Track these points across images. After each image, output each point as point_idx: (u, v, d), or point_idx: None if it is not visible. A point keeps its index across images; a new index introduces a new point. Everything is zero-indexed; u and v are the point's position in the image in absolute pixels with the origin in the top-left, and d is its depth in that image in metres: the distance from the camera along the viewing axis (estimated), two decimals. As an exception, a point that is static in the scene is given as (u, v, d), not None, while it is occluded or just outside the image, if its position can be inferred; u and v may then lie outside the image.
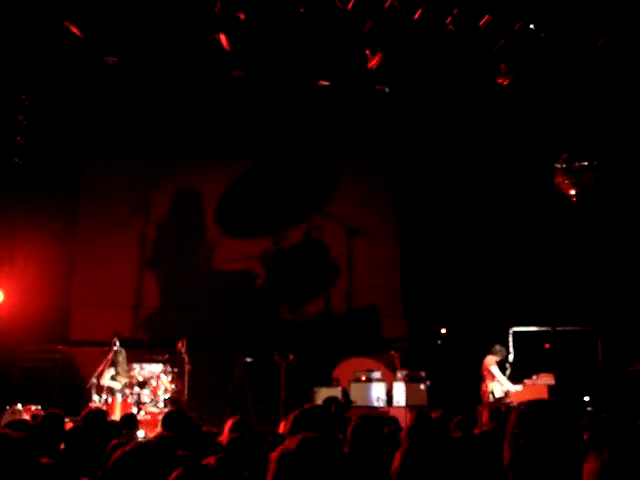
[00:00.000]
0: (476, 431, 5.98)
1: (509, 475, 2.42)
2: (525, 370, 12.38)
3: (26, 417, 9.84)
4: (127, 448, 2.72)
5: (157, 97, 13.62)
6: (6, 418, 9.79)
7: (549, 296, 13.64)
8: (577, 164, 12.45)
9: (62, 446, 5.19)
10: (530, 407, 2.50)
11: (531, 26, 11.24)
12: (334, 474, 2.12)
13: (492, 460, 3.18)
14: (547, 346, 13.73)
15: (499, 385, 11.50)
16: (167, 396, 11.86)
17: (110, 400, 11.33)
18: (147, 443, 3.26)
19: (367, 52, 11.71)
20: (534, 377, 12.14)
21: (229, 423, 5.79)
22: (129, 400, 11.48)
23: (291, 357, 13.13)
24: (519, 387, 11.67)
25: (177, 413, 5.76)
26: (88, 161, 14.59)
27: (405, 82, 13.31)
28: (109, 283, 14.33)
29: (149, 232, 14.91)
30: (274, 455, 2.19)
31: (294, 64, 12.64)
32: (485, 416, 7.79)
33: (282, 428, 7.13)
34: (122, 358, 11.89)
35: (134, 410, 11.14)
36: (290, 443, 2.18)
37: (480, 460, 2.98)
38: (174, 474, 2.40)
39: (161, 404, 11.64)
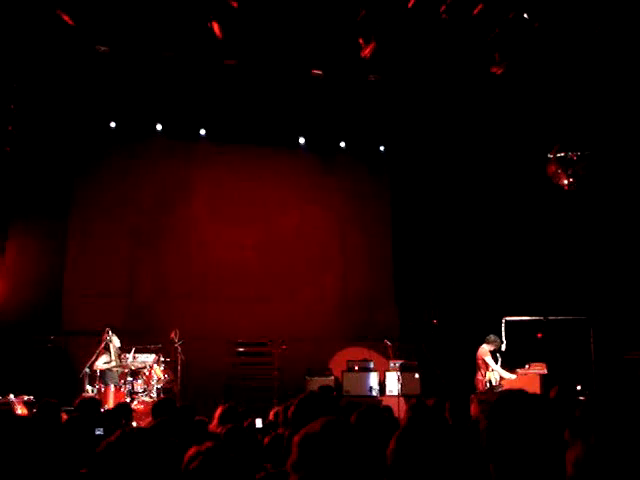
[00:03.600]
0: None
1: (490, 466, 2.45)
2: (518, 359, 12.42)
3: (19, 407, 9.85)
4: (113, 437, 2.70)
5: (149, 86, 13.52)
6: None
7: (541, 285, 13.68)
8: (570, 154, 12.45)
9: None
10: (499, 399, 2.54)
11: (525, 15, 11.22)
12: (355, 454, 2.13)
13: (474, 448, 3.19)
14: (539, 335, 13.75)
15: (495, 374, 11.54)
16: (160, 386, 11.87)
17: (103, 390, 11.33)
18: (138, 430, 3.25)
19: (360, 41, 11.66)
20: (527, 366, 12.20)
21: (218, 411, 5.83)
22: (122, 390, 11.48)
23: (284, 346, 13.15)
24: (513, 376, 11.72)
25: (166, 402, 5.77)
26: (81, 152, 14.50)
27: (399, 71, 13.26)
28: (101, 273, 14.30)
29: (141, 221, 14.85)
30: (296, 439, 2.19)
31: (287, 53, 12.58)
32: (473, 406, 7.82)
33: (271, 416, 7.19)
34: (114, 346, 11.91)
35: (127, 400, 11.15)
36: (312, 426, 2.19)
37: (468, 446, 3.00)
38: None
39: (154, 394, 11.64)
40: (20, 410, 9.77)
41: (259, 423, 11.41)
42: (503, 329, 13.16)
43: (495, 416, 2.45)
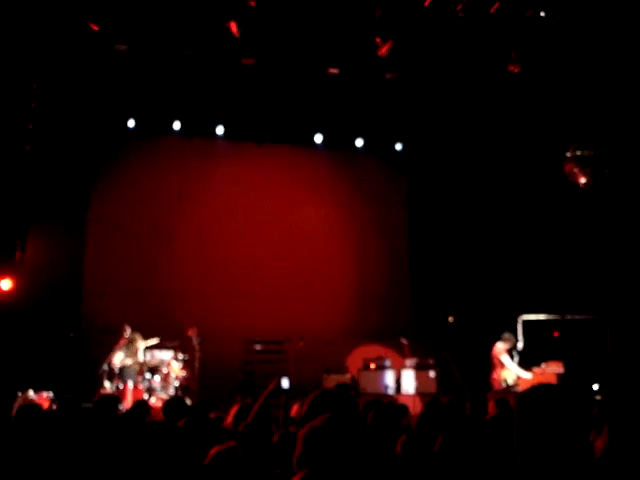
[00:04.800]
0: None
1: (519, 457, 2.48)
2: (534, 358, 12.38)
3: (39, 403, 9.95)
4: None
5: (167, 84, 13.59)
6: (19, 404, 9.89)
7: (559, 284, 13.62)
8: (588, 152, 12.39)
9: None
10: (531, 391, 2.57)
11: (542, 13, 11.19)
12: (357, 449, 2.16)
13: (497, 444, 3.22)
14: (556, 334, 13.71)
15: (511, 373, 11.51)
16: (178, 383, 11.96)
17: (122, 387, 11.43)
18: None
19: (377, 40, 11.67)
20: (543, 365, 12.16)
21: (233, 410, 5.89)
22: (140, 387, 11.58)
23: (301, 344, 13.18)
24: (529, 374, 11.68)
25: (177, 401, 5.83)
26: (100, 150, 14.59)
27: (416, 69, 13.26)
28: (120, 271, 14.41)
29: (158, 219, 14.95)
30: (301, 433, 2.23)
31: (304, 52, 12.61)
32: (491, 405, 7.83)
33: (294, 412, 7.19)
34: (136, 344, 12.00)
35: (145, 397, 11.25)
36: (316, 422, 2.23)
37: (484, 443, 3.03)
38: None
39: (172, 391, 11.73)
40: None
41: (286, 384, 11.47)
42: (520, 327, 13.14)
43: (527, 408, 2.48)
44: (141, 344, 12.09)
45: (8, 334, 12.24)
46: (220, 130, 15.32)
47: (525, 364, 12.05)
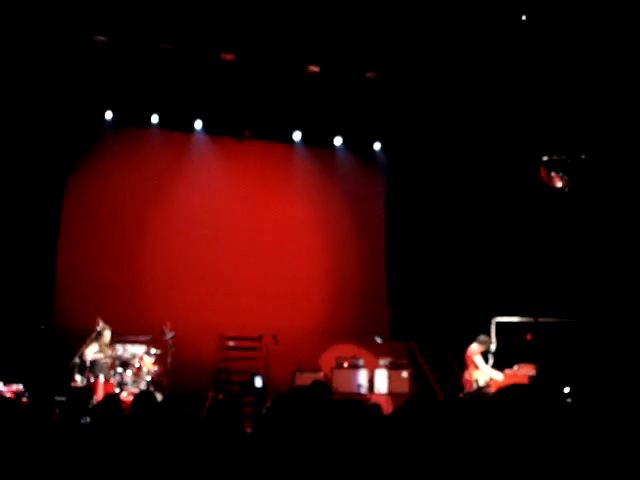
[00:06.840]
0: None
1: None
2: (507, 360, 12.43)
3: (8, 396, 9.84)
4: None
5: (146, 77, 13.46)
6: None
7: (532, 287, 13.72)
8: (563, 157, 12.48)
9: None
10: (504, 391, 2.59)
11: (523, 17, 11.25)
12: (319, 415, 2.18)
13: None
14: (529, 337, 13.79)
15: (483, 374, 11.53)
16: (150, 378, 11.87)
17: (93, 380, 11.33)
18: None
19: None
20: (516, 367, 12.20)
21: (207, 404, 5.88)
22: (111, 381, 11.48)
23: (274, 341, 13.13)
24: (501, 376, 11.71)
25: (146, 395, 5.77)
26: (76, 142, 14.39)
27: (396, 70, 13.28)
28: (94, 264, 14.23)
29: (133, 213, 14.77)
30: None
31: (285, 48, 12.57)
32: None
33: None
34: (105, 337, 11.89)
35: (116, 390, 11.17)
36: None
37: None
38: None
39: (143, 385, 11.64)
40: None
41: (259, 382, 11.41)
42: (493, 329, 13.20)
43: (500, 407, 2.50)
44: (107, 334, 11.99)
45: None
46: (199, 124, 15.22)
47: (498, 366, 12.10)
